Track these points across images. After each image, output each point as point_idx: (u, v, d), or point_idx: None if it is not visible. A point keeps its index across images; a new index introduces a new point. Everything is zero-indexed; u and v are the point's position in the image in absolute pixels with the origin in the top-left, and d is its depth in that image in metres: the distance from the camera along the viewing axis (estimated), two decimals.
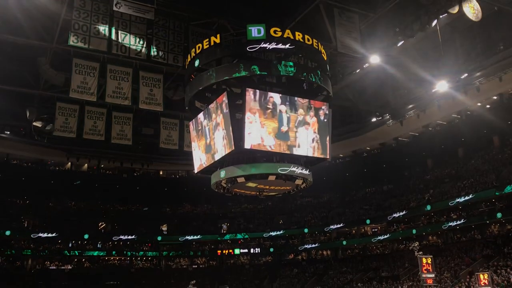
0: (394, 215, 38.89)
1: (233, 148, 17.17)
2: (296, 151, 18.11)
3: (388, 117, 35.95)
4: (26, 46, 21.71)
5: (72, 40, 19.85)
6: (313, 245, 45.43)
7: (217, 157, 18.56)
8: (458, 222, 33.43)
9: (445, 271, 31.66)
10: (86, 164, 48.19)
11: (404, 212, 38.12)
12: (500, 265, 28.40)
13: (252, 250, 47.41)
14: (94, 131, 25.35)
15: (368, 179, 46.49)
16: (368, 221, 41.88)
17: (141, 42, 21.51)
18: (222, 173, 18.59)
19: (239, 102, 17.95)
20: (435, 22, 21.42)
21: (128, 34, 21.23)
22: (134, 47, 21.32)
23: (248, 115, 17.05)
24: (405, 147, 42.79)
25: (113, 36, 20.79)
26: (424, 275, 23.95)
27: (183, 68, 21.53)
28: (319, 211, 48.16)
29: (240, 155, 18.04)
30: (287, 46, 17.27)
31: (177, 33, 22.66)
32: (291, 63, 17.50)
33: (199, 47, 18.29)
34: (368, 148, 46.86)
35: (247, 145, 17.03)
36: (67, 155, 43.56)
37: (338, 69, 26.19)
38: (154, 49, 21.94)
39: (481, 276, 23.58)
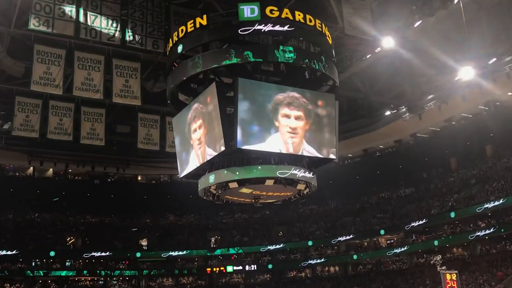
0: (413, 224, 38.98)
1: (224, 148, 17.17)
2: (299, 151, 18.13)
3: (404, 109, 36.00)
4: None
5: (33, 24, 19.79)
6: (319, 260, 45.45)
7: (205, 158, 18.54)
8: (487, 231, 33.55)
9: None
10: (51, 169, 47.90)
11: (424, 221, 38.21)
12: None
13: (247, 267, 47.26)
14: (61, 130, 25.31)
15: (382, 183, 46.53)
16: (382, 232, 41.95)
17: (115, 25, 21.46)
18: (211, 178, 18.60)
19: (230, 94, 17.96)
20: None
21: (99, 16, 21.17)
22: (106, 31, 21.28)
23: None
24: (425, 145, 42.81)
25: (81, 18, 20.74)
26: None
27: (164, 55, 21.52)
28: (325, 221, 48.21)
29: (232, 156, 18.05)
30: (286, 28, 17.28)
31: (156, 14, 22.62)
32: (290, 48, 17.53)
33: (182, 30, 18.27)
34: (382, 146, 46.88)
35: (240, 145, 17.04)
36: (28, 158, 43.26)
37: (346, 55, 26.25)
38: (130, 33, 21.90)
39: None
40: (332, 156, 19.19)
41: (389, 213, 43.66)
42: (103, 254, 45.02)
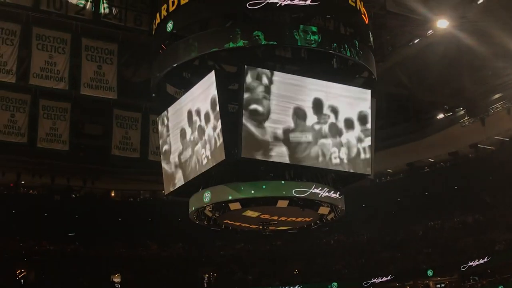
0: (471, 263, 38.78)
1: (224, 157, 17.23)
2: (320, 163, 18.17)
3: (462, 112, 35.98)
4: None
5: None
6: None
7: (200, 171, 18.61)
8: None
9: None
10: None
11: (486, 259, 38.01)
12: None
13: None
14: (12, 129, 25.44)
15: (431, 208, 46.36)
16: (430, 272, 41.74)
17: None
18: (207, 196, 18.64)
19: (234, 87, 18.02)
20: None
21: None
22: (74, 1, 21.58)
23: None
24: (489, 159, 42.68)
25: None
26: None
27: (149, 34, 21.66)
28: (354, 256, 48.10)
29: (234, 168, 18.09)
30: (308, 2, 17.31)
31: None
32: (314, 29, 17.58)
33: (173, 2, 18.37)
34: (432, 160, 46.78)
35: (245, 153, 17.10)
36: None
37: (387, 38, 26.26)
38: (106, 5, 22.16)
39: None
40: (366, 171, 19.18)
41: (439, 247, 43.47)
42: None
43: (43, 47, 22.99)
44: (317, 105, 18.15)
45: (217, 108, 17.32)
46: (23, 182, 48.03)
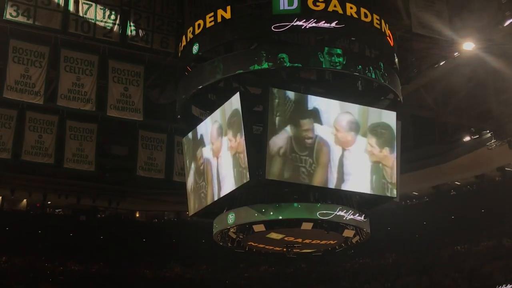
0: (499, 287, 38.22)
1: (249, 179, 17.21)
2: (345, 185, 18.08)
3: (489, 135, 35.63)
4: None
5: (10, 13, 20.40)
6: None
7: (223, 192, 18.62)
8: None
9: None
10: (25, 200, 48.58)
11: None
12: None
13: None
14: (39, 150, 25.68)
15: (458, 231, 45.80)
16: None
17: (113, 17, 21.97)
18: (231, 218, 18.57)
19: (259, 109, 18.04)
20: None
21: (94, 5, 21.70)
22: (102, 24, 21.78)
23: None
24: None
25: (71, 7, 21.31)
26: None
27: (175, 57, 21.83)
28: (380, 280, 47.58)
29: (258, 189, 18.08)
30: (333, 24, 17.33)
31: (167, 4, 23.03)
32: (338, 51, 17.51)
33: (199, 25, 18.49)
34: (458, 183, 46.33)
35: (270, 175, 17.07)
36: None
37: (412, 61, 26.17)
38: (133, 28, 22.38)
39: None
40: (391, 194, 19.04)
41: (466, 272, 42.86)
42: None
43: (71, 69, 23.25)
44: None
45: (242, 129, 17.33)
46: (49, 202, 48.43)
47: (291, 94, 17.53)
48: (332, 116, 17.96)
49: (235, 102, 17.76)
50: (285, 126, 17.36)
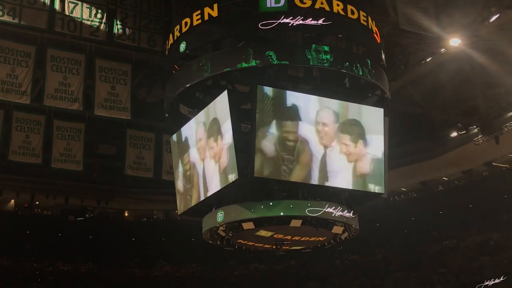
0: (487, 282, 38.36)
1: (237, 177, 17.24)
2: (333, 182, 18.14)
3: (476, 130, 35.80)
4: None
5: None
6: None
7: (212, 190, 18.61)
8: None
9: None
10: (12, 201, 48.34)
11: (503, 278, 37.58)
12: None
13: None
14: (26, 150, 25.56)
15: (446, 226, 46.00)
16: None
17: (99, 15, 21.89)
18: (220, 216, 18.58)
19: (247, 107, 18.05)
20: None
21: (80, 3, 21.61)
22: (88, 23, 21.70)
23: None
24: (503, 177, 42.39)
25: (57, 6, 21.23)
26: None
27: (163, 55, 21.77)
28: (369, 276, 47.67)
29: (247, 187, 18.09)
30: (320, 21, 17.38)
31: (154, 2, 22.97)
32: (326, 48, 17.59)
33: (186, 23, 18.50)
34: (446, 179, 46.46)
35: (258, 173, 17.08)
36: None
37: (399, 57, 26.28)
38: (119, 26, 22.30)
39: None
40: (379, 190, 19.11)
41: (455, 267, 43.06)
42: None
43: (58, 68, 23.16)
44: None
45: (230, 127, 17.35)
46: (37, 202, 48.19)
47: (269, 91, 17.51)
48: (312, 112, 17.99)
49: (222, 100, 17.71)
50: (270, 124, 17.38)
